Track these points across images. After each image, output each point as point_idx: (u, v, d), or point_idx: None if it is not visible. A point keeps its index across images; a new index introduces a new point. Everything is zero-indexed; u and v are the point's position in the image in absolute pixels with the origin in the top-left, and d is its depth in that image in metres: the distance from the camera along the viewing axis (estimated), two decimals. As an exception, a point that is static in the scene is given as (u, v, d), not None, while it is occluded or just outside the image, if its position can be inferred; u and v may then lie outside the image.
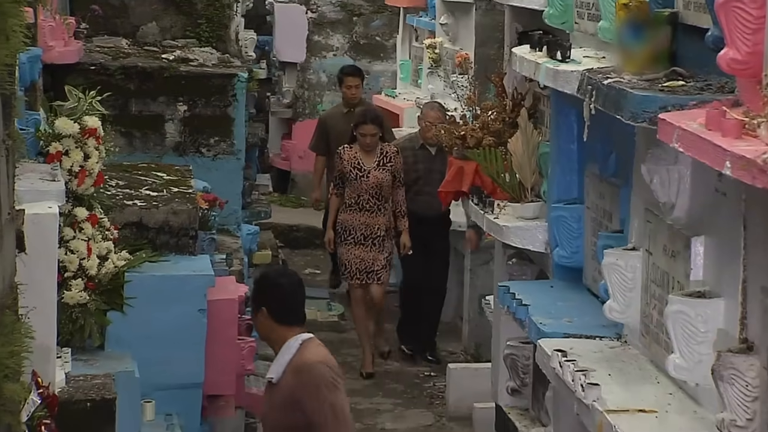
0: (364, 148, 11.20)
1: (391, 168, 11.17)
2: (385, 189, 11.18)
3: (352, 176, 11.21)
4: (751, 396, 4.11)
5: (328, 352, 6.37)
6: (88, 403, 7.35)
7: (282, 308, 6.24)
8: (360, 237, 11.31)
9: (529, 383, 6.66)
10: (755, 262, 4.22)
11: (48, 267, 6.03)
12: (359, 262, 11.34)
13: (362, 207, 11.28)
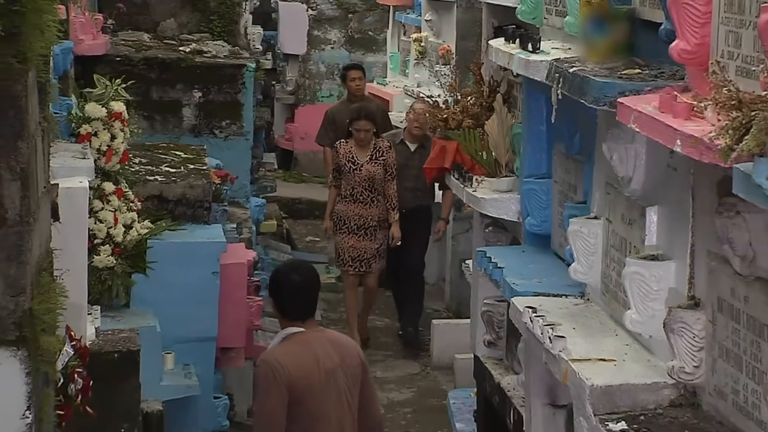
0: (358, 142, 10.88)
1: (383, 162, 10.81)
2: (377, 182, 10.82)
3: (347, 169, 10.89)
4: (698, 346, 4.14)
5: (293, 348, 5.90)
6: (116, 354, 7.37)
7: (286, 303, 5.97)
8: (354, 227, 10.95)
9: (503, 336, 6.67)
10: (702, 229, 4.23)
11: (79, 234, 6.02)
12: (352, 251, 11.00)
13: (356, 199, 10.94)
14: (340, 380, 5.76)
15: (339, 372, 5.76)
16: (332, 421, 5.72)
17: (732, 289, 3.94)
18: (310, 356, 5.74)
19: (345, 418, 5.75)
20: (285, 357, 5.74)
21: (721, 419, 4.06)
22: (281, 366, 5.68)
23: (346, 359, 5.84)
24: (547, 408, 5.63)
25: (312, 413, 5.67)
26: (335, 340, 6.02)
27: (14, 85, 4.32)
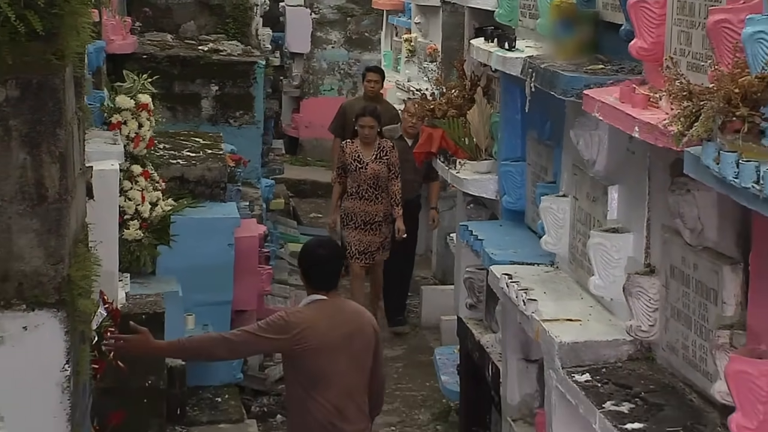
0: (363, 139, 10.34)
1: (387, 161, 10.30)
2: (382, 180, 10.31)
3: (353, 168, 10.35)
4: (653, 307, 4.16)
5: (317, 310, 5.80)
6: (143, 315, 7.38)
7: (312, 275, 5.87)
8: (360, 222, 10.42)
9: (483, 300, 6.69)
10: (657, 205, 4.25)
11: (111, 211, 6.02)
12: (359, 245, 10.46)
13: (362, 196, 10.40)
14: (355, 345, 5.69)
15: (354, 337, 5.70)
16: (343, 378, 5.65)
17: (683, 257, 3.96)
18: (328, 320, 5.68)
19: (356, 378, 5.69)
20: (305, 314, 5.71)
21: (673, 371, 4.08)
22: (299, 321, 5.64)
23: (361, 327, 5.78)
24: (521, 362, 5.66)
25: (326, 368, 5.60)
26: (353, 310, 5.99)
27: (53, 79, 4.32)
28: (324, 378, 5.60)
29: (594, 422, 3.88)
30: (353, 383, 5.69)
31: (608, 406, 3.86)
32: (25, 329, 4.33)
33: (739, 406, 3.28)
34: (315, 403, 5.58)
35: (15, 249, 4.33)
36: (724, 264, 3.66)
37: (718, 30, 3.26)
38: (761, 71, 2.96)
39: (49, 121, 4.33)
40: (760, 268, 3.47)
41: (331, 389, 5.60)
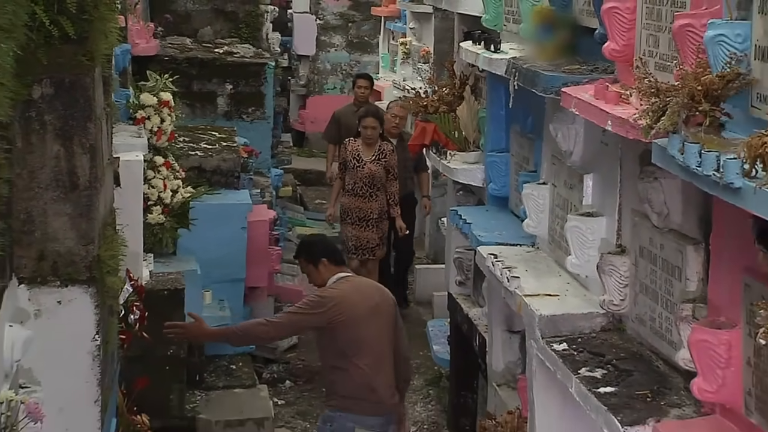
0: (365, 139, 9.84)
1: (385, 163, 9.74)
2: (378, 180, 9.78)
3: (351, 165, 9.89)
4: (624, 284, 4.17)
5: (348, 285, 5.89)
6: (165, 291, 7.39)
7: (327, 254, 5.93)
8: (355, 218, 9.93)
9: (471, 277, 6.70)
10: (627, 192, 4.26)
11: (136, 197, 6.02)
12: (356, 240, 9.98)
13: (357, 193, 9.90)
14: (382, 315, 5.72)
15: (381, 308, 5.74)
16: (374, 346, 5.65)
17: (650, 238, 3.97)
18: (358, 294, 5.73)
19: (385, 347, 5.70)
20: (338, 291, 5.73)
21: (641, 341, 4.10)
22: (336, 295, 5.69)
23: (385, 299, 5.82)
24: (505, 333, 5.68)
25: (358, 336, 5.62)
26: (375, 285, 6.08)
27: (84, 79, 4.32)
28: (359, 344, 5.62)
29: (570, 386, 3.90)
30: (383, 351, 5.69)
31: (583, 372, 3.88)
32: (59, 303, 4.34)
33: (701, 372, 3.31)
34: (353, 367, 5.59)
35: (50, 231, 4.34)
36: (688, 244, 3.68)
37: (682, 33, 3.26)
38: (721, 70, 2.97)
39: (80, 116, 4.33)
40: (719, 247, 3.48)
41: (366, 354, 5.62)
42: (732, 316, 3.31)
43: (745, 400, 3.20)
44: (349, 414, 5.60)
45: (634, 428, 3.44)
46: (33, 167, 4.28)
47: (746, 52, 2.98)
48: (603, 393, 3.68)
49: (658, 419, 3.46)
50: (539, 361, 4.29)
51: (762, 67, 2.93)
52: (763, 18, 2.93)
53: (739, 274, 3.25)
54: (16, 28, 3.53)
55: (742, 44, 2.98)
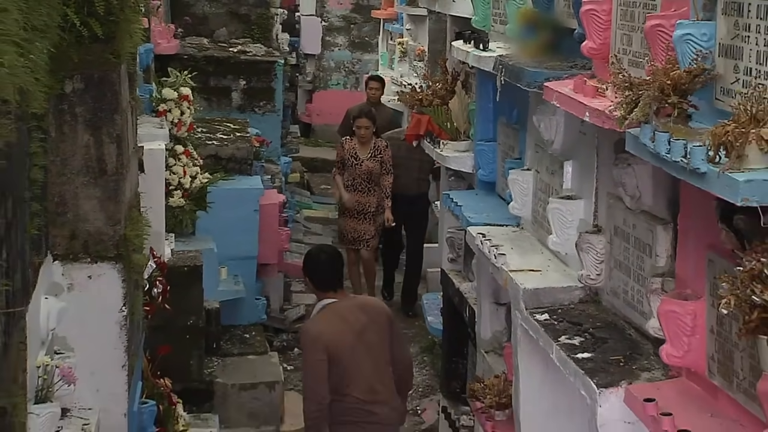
0: (359, 138, 9.73)
1: (381, 159, 9.68)
2: (375, 175, 9.68)
3: (349, 163, 9.74)
4: (600, 260, 4.17)
5: (329, 316, 5.49)
6: (185, 267, 7.41)
7: (319, 279, 5.59)
8: (354, 212, 9.76)
9: (461, 255, 6.69)
10: (603, 177, 4.25)
11: (158, 182, 6.02)
12: (353, 232, 9.82)
13: (356, 188, 9.75)
14: (371, 337, 5.42)
15: (368, 330, 5.42)
16: (364, 372, 5.39)
17: (624, 219, 3.97)
18: (341, 322, 5.42)
19: (377, 367, 5.42)
20: (321, 325, 5.44)
21: (615, 311, 4.10)
22: (318, 333, 5.39)
23: (373, 318, 5.49)
24: (492, 305, 5.67)
25: (347, 368, 5.36)
26: (363, 304, 5.68)
27: (111, 75, 4.32)
28: (349, 377, 5.37)
29: (551, 353, 3.91)
30: (375, 374, 5.43)
31: (563, 339, 3.89)
32: (89, 278, 4.34)
33: (669, 339, 3.32)
34: (348, 398, 5.36)
35: (81, 213, 4.34)
36: (658, 224, 3.68)
37: (653, 33, 3.26)
38: (688, 66, 2.97)
39: (108, 108, 4.32)
40: (686, 227, 3.49)
41: (358, 384, 5.38)
42: (697, 288, 3.32)
43: (708, 364, 3.21)
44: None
45: (609, 390, 3.44)
46: (65, 155, 4.28)
47: (711, 49, 2.98)
48: (580, 358, 3.68)
49: (630, 382, 3.47)
50: (523, 330, 4.30)
51: (725, 64, 2.94)
52: (726, 19, 2.93)
53: (703, 250, 3.26)
54: (50, 28, 3.53)
55: (707, 42, 2.98)
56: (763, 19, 2.75)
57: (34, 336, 3.70)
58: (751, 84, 2.79)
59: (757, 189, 2.40)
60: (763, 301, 2.62)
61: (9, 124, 2.80)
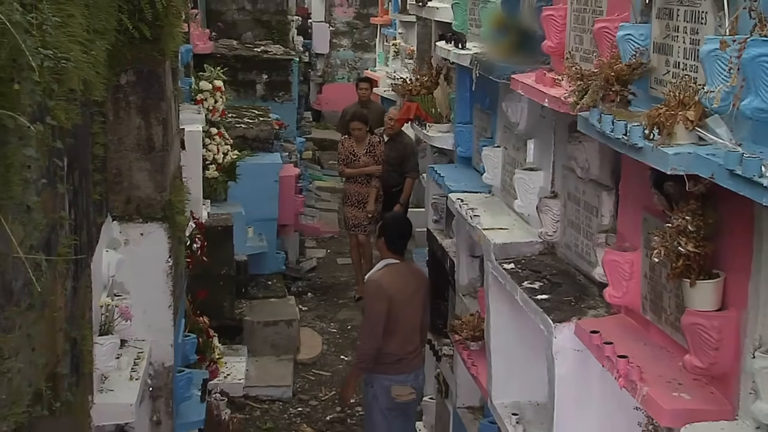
0: (356, 138, 9.32)
1: (374, 154, 9.32)
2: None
3: (349, 159, 9.33)
4: (556, 220, 4.16)
5: (392, 274, 5.58)
6: (219, 227, 7.46)
7: (390, 242, 5.73)
8: (354, 201, 9.34)
9: (443, 217, 6.67)
10: (559, 151, 4.24)
11: (196, 158, 6.04)
12: (354, 219, 9.37)
13: (356, 180, 9.34)
14: (417, 300, 5.61)
15: (417, 293, 5.62)
16: (410, 324, 5.56)
17: (576, 186, 3.97)
18: (401, 280, 5.57)
19: (417, 322, 5.60)
20: (385, 279, 5.56)
21: (568, 261, 4.11)
22: (385, 286, 5.52)
23: (421, 284, 5.69)
24: (468, 257, 5.67)
25: (399, 318, 5.53)
26: (416, 270, 5.84)
27: (157, 69, 4.31)
28: (396, 322, 5.51)
29: (516, 295, 3.92)
30: (416, 325, 5.60)
31: (525, 284, 3.89)
32: (142, 235, 4.37)
33: (611, 283, 3.33)
34: (390, 338, 5.50)
35: (134, 182, 4.36)
36: (603, 190, 3.68)
37: (600, 33, 3.25)
38: (629, 61, 2.97)
39: (155, 97, 4.33)
40: (626, 192, 3.49)
41: (401, 330, 5.52)
42: (634, 242, 3.33)
43: (642, 303, 3.23)
44: (385, 375, 5.56)
45: (562, 324, 3.45)
46: (121, 135, 4.29)
47: (647, 47, 2.97)
48: (539, 299, 3.69)
49: (579, 318, 3.48)
50: (493, 277, 4.31)
51: (658, 58, 2.93)
52: (659, 22, 2.92)
53: (640, 211, 3.27)
54: (108, 31, 3.52)
55: (644, 41, 2.97)
56: (689, 22, 2.75)
57: (98, 281, 3.72)
58: (679, 75, 2.79)
59: (683, 160, 2.40)
60: (686, 252, 2.64)
61: (75, 109, 2.80)
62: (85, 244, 3.38)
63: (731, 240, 2.63)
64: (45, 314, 2.57)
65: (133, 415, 3.69)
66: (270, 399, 7.65)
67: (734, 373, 2.61)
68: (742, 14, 2.36)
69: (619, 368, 2.92)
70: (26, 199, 2.01)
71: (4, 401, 2.09)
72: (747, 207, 2.43)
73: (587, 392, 3.42)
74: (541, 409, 4.08)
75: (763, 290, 2.48)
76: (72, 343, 3.06)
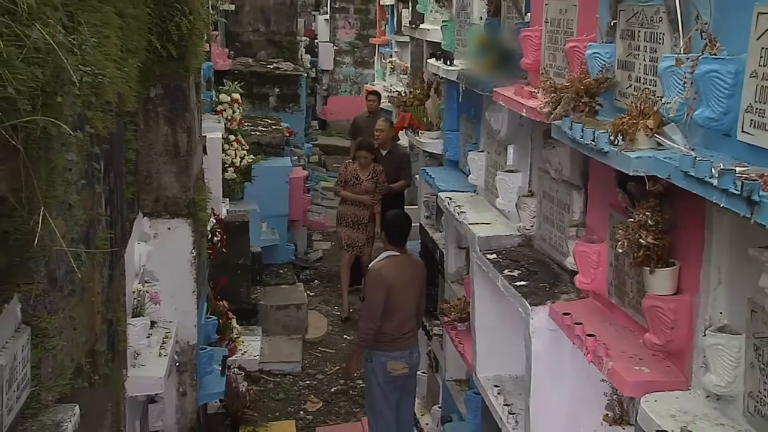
0: (360, 165, 8.50)
1: (376, 180, 8.49)
2: (370, 192, 8.49)
3: (351, 182, 8.44)
4: (533, 215, 4.16)
5: (392, 265, 5.47)
6: (236, 222, 7.45)
7: (392, 235, 5.64)
8: (350, 222, 8.52)
9: (434, 213, 6.69)
10: (536, 155, 4.25)
11: (217, 161, 6.03)
12: (349, 239, 8.56)
13: (351, 203, 8.49)
14: (413, 287, 5.56)
15: (413, 281, 5.57)
16: (406, 308, 5.51)
17: (550, 186, 3.97)
18: (400, 270, 5.51)
19: (409, 310, 5.55)
20: (385, 269, 5.50)
21: (543, 252, 4.12)
22: (384, 275, 5.47)
23: (418, 274, 5.63)
24: (456, 248, 5.68)
25: (396, 303, 5.49)
26: (414, 262, 5.75)
27: (182, 84, 4.31)
28: (393, 306, 5.48)
29: (498, 282, 3.92)
30: (410, 311, 5.57)
31: (506, 272, 3.89)
32: (169, 229, 4.37)
33: (580, 270, 3.34)
34: (388, 321, 5.47)
35: (162, 183, 4.36)
36: (573, 189, 3.69)
37: (571, 52, 3.26)
38: (596, 76, 2.98)
39: (181, 108, 4.32)
40: (594, 191, 3.50)
41: (397, 314, 5.49)
42: (601, 234, 3.33)
43: (608, 288, 3.24)
44: (382, 352, 5.54)
45: (538, 307, 3.46)
46: (151, 141, 4.29)
47: (612, 64, 2.98)
48: (518, 285, 3.70)
49: (553, 301, 3.48)
50: (478, 266, 4.31)
51: (622, 74, 2.94)
52: (622, 42, 2.93)
53: (606, 208, 3.27)
54: (139, 50, 3.52)
55: (610, 59, 2.98)
56: (648, 42, 2.76)
57: (130, 270, 3.73)
58: (640, 88, 2.80)
59: (644, 163, 2.41)
60: (646, 243, 2.65)
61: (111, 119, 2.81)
62: (119, 237, 3.39)
63: (685, 233, 2.65)
64: (85, 299, 2.58)
65: (162, 387, 3.70)
66: (282, 373, 7.66)
67: (687, 349, 2.63)
68: (695, 35, 2.37)
69: (588, 345, 2.93)
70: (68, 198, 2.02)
71: (50, 374, 2.10)
72: (699, 204, 2.44)
73: (560, 366, 3.43)
74: (519, 382, 4.10)
75: (713, 277, 2.49)
76: (108, 324, 3.07)
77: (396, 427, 5.74)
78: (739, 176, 1.90)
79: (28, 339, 1.94)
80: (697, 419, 2.38)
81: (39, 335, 2.01)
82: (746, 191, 1.84)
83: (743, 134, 2.10)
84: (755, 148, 2.07)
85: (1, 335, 1.81)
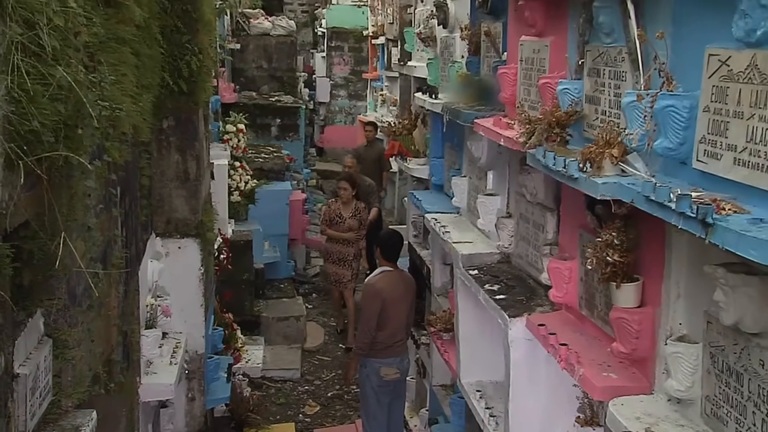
0: (341, 198, 8.16)
1: (360, 218, 8.17)
2: (354, 230, 8.15)
3: (335, 221, 8.10)
4: (511, 234, 4.14)
5: (386, 280, 5.44)
6: (241, 241, 7.42)
7: (386, 252, 5.65)
8: (336, 259, 8.14)
9: (421, 232, 6.67)
10: (513, 180, 4.24)
11: (223, 186, 6.03)
12: (335, 276, 8.21)
13: (337, 240, 8.11)
14: (405, 301, 5.55)
15: (406, 296, 5.56)
16: (398, 319, 5.49)
17: (526, 208, 3.97)
18: (393, 284, 5.51)
19: (401, 322, 5.54)
20: (380, 284, 5.49)
21: (520, 268, 4.10)
22: (379, 289, 5.46)
23: (409, 289, 5.62)
24: (442, 265, 5.67)
25: (389, 314, 5.48)
26: (406, 278, 5.73)
27: (192, 116, 4.32)
28: (386, 319, 5.48)
29: (479, 295, 3.91)
30: (401, 322, 5.56)
31: (486, 287, 3.88)
32: (179, 248, 4.36)
33: (554, 285, 3.34)
34: (381, 331, 5.46)
35: (173, 206, 4.35)
36: (547, 211, 3.69)
37: (544, 87, 3.28)
38: (567, 109, 3.00)
39: (190, 138, 4.33)
40: (565, 213, 3.51)
41: (390, 325, 5.49)
42: (572, 252, 3.34)
43: (579, 301, 3.24)
44: (376, 359, 5.53)
45: (516, 319, 3.45)
46: (163, 168, 4.29)
47: (581, 98, 3.01)
48: (498, 299, 3.69)
49: (530, 313, 3.48)
50: (461, 281, 4.30)
51: (589, 108, 2.96)
52: (589, 78, 2.96)
53: (576, 228, 3.28)
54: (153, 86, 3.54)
55: (578, 94, 3.01)
56: (612, 79, 2.79)
57: (144, 285, 3.71)
58: (605, 121, 2.82)
59: (610, 188, 2.43)
60: (613, 261, 2.66)
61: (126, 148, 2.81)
62: (134, 256, 3.38)
63: (648, 251, 2.66)
64: (102, 313, 2.57)
65: (172, 393, 3.68)
66: (282, 379, 7.62)
67: (651, 357, 2.63)
68: (654, 74, 2.41)
69: (561, 354, 2.94)
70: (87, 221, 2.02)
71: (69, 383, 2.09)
72: (660, 225, 2.46)
73: (536, 373, 3.43)
74: (499, 387, 4.08)
75: (673, 291, 2.51)
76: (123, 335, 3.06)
77: (387, 428, 5.71)
78: (695, 201, 1.92)
79: (50, 350, 1.94)
80: (659, 421, 2.38)
81: (60, 347, 2.01)
82: (701, 214, 1.86)
83: (698, 162, 2.13)
84: (709, 175, 2.09)
85: (25, 347, 1.80)
